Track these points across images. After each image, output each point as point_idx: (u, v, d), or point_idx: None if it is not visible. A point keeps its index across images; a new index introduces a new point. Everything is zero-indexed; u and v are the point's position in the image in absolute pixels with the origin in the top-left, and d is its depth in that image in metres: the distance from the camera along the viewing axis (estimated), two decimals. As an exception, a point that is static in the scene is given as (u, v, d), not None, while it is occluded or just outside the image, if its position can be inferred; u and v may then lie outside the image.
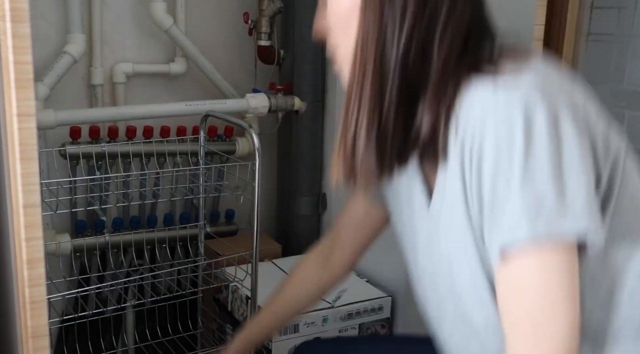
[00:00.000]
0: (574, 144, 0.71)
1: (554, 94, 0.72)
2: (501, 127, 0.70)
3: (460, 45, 0.78)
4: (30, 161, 0.74)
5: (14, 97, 0.72)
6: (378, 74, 0.78)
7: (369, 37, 0.79)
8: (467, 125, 0.73)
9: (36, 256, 0.77)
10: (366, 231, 1.14)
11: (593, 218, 0.71)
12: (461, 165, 0.75)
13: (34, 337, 0.79)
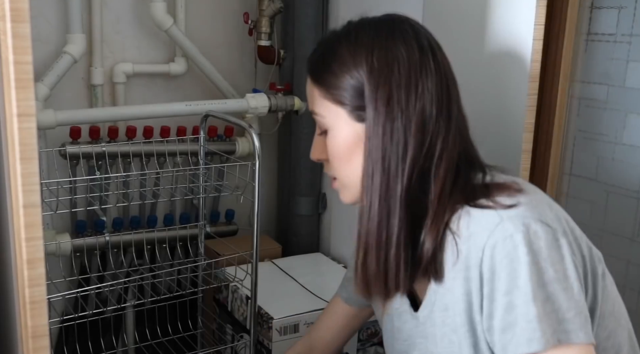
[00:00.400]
0: (570, 261, 0.80)
1: (549, 219, 0.81)
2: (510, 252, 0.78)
3: (453, 175, 0.87)
4: (30, 161, 0.74)
5: (14, 97, 0.72)
6: (384, 206, 0.86)
7: (375, 174, 0.87)
8: (473, 248, 0.82)
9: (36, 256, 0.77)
10: (349, 331, 1.25)
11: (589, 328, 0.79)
12: (466, 280, 0.83)
13: (34, 337, 0.79)
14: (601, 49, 1.71)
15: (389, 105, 0.85)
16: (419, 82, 0.86)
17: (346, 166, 0.92)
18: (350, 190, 0.95)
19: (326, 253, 2.19)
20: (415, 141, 0.86)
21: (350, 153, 0.91)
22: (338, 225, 2.16)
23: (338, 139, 0.91)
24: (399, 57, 0.87)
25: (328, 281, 1.92)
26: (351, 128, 0.90)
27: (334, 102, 0.90)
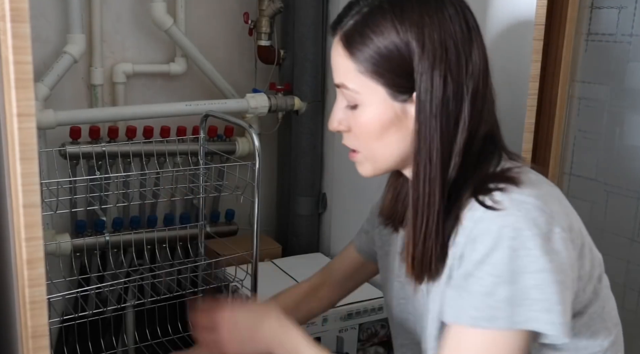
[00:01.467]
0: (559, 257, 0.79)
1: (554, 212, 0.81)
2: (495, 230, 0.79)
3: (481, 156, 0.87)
4: (30, 161, 0.74)
5: (14, 97, 0.72)
6: (441, 190, 0.85)
7: (432, 152, 0.85)
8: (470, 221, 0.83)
9: (36, 256, 0.77)
10: (355, 280, 1.24)
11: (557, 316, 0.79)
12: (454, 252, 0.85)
13: (34, 337, 0.79)
14: (601, 49, 1.70)
15: (444, 85, 0.83)
16: (469, 59, 0.84)
17: (377, 142, 0.89)
18: (375, 164, 0.93)
19: (326, 253, 2.19)
20: (469, 120, 0.84)
21: (385, 130, 0.87)
22: (338, 225, 2.16)
23: (372, 116, 0.87)
24: (451, 34, 0.83)
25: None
26: (389, 106, 0.86)
27: (373, 78, 0.85)
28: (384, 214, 1.05)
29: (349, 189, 2.08)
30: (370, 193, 2.00)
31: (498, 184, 0.83)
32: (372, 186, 1.98)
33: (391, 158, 0.90)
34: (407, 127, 0.87)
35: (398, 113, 0.86)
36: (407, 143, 0.88)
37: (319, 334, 1.73)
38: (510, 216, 0.79)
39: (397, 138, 0.88)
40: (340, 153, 2.12)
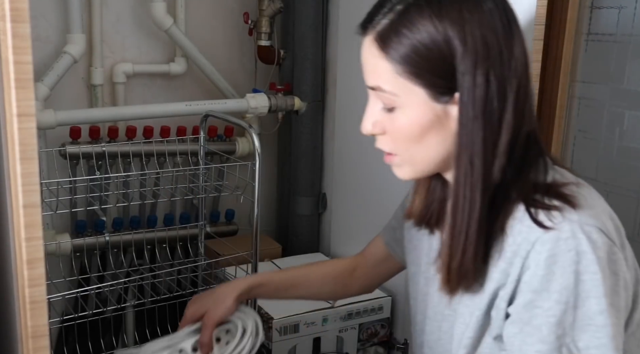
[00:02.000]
0: (622, 278, 0.78)
1: (609, 231, 0.79)
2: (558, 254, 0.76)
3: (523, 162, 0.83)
4: (30, 161, 0.74)
5: (14, 97, 0.72)
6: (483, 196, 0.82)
7: (474, 156, 0.81)
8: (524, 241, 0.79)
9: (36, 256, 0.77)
10: (384, 269, 1.22)
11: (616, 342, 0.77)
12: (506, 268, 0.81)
13: (34, 337, 0.79)
14: (601, 49, 1.70)
15: (487, 84, 0.79)
16: (511, 55, 0.80)
17: (416, 145, 0.84)
18: (415, 167, 0.88)
19: (326, 253, 2.19)
20: (512, 119, 0.80)
21: (425, 133, 0.83)
22: (338, 225, 2.16)
23: (411, 119, 0.82)
24: (492, 29, 0.79)
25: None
26: (429, 107, 0.82)
27: (412, 79, 0.80)
28: (415, 216, 1.00)
29: (349, 189, 2.08)
30: (370, 193, 2.01)
31: (553, 200, 0.79)
32: (372, 187, 1.98)
33: (432, 161, 0.86)
34: (448, 128, 0.83)
35: (439, 115, 0.82)
36: (448, 145, 0.84)
37: (319, 334, 1.73)
38: (573, 239, 0.76)
39: (437, 141, 0.84)
40: (340, 153, 2.12)
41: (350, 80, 2.05)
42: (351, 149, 2.06)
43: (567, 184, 0.83)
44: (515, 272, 0.80)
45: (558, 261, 0.76)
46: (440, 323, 0.96)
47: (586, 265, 0.76)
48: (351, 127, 2.06)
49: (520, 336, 0.79)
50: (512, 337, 0.80)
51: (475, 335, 0.86)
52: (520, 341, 0.79)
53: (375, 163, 1.95)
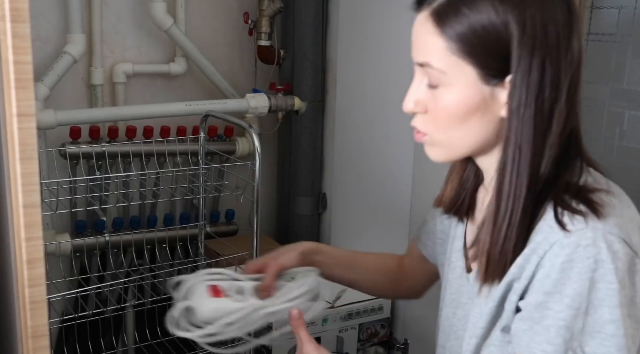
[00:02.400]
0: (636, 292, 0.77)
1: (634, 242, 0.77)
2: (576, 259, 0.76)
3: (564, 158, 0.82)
4: (30, 161, 0.74)
5: (14, 97, 0.72)
6: (529, 185, 0.80)
7: (523, 146, 0.80)
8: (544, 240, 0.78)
9: (36, 256, 0.77)
10: (423, 270, 1.18)
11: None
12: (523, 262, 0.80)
13: (34, 337, 0.79)
14: (601, 49, 1.70)
15: (542, 71, 0.78)
16: (569, 46, 0.79)
17: (457, 127, 0.83)
18: (450, 150, 0.86)
19: (326, 253, 2.19)
20: (564, 113, 0.79)
21: (468, 115, 0.81)
22: (338, 225, 2.16)
23: (457, 99, 0.81)
24: (553, 18, 0.78)
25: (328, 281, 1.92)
26: (477, 90, 0.80)
27: (464, 58, 0.79)
28: (445, 204, 0.98)
29: (349, 189, 2.08)
30: (370, 194, 2.01)
31: (580, 205, 0.78)
32: (372, 187, 1.98)
33: (469, 144, 0.85)
34: (492, 113, 0.81)
35: (486, 98, 0.80)
36: (489, 131, 0.83)
37: (319, 334, 1.73)
38: (593, 247, 0.75)
39: (480, 125, 0.82)
40: (340, 153, 2.12)
41: (350, 80, 2.05)
42: (351, 149, 2.06)
43: (597, 190, 0.81)
44: (530, 269, 0.79)
45: (574, 267, 0.75)
46: (455, 310, 0.96)
47: (603, 274, 0.75)
48: (351, 127, 2.06)
49: (529, 334, 0.79)
50: (521, 333, 0.80)
51: (487, 326, 0.86)
52: (528, 339, 0.79)
53: (375, 163, 1.96)
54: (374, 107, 1.94)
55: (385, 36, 1.87)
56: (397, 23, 1.81)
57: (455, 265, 0.97)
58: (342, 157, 2.11)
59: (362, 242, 2.03)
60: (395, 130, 1.84)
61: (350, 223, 2.09)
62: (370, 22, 1.92)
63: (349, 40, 2.03)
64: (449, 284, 0.99)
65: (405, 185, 1.79)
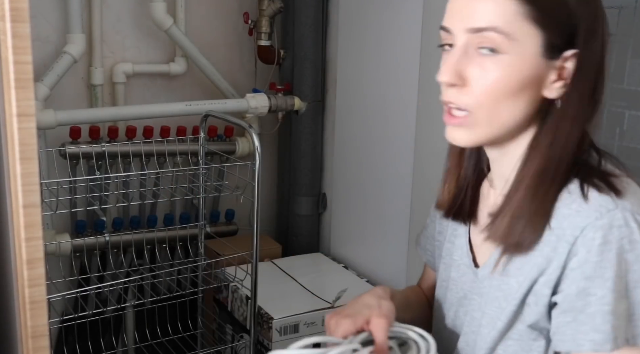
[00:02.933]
0: None
1: None
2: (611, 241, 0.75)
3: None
4: (30, 161, 0.74)
5: (14, 97, 0.72)
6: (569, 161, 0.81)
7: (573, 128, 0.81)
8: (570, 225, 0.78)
9: (36, 256, 0.77)
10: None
11: None
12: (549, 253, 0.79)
13: (34, 337, 0.79)
14: (601, 48, 1.70)
15: (601, 52, 0.79)
16: (606, 37, 0.82)
17: (505, 102, 0.79)
18: (486, 129, 0.81)
19: (326, 253, 2.19)
20: (601, 95, 0.81)
21: (520, 90, 0.78)
22: (338, 225, 2.16)
23: (516, 69, 0.77)
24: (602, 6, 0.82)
25: (328, 281, 1.92)
26: (535, 62, 0.78)
27: (534, 25, 0.77)
28: (444, 207, 0.96)
29: (349, 189, 2.08)
30: (370, 194, 2.01)
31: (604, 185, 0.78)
32: (372, 187, 1.98)
33: (510, 124, 0.81)
34: (538, 91, 0.80)
35: (540, 73, 0.78)
36: (530, 111, 0.80)
37: (319, 334, 1.73)
38: (626, 228, 0.75)
39: (526, 102, 0.79)
40: (340, 153, 2.12)
41: (350, 80, 2.05)
42: (351, 149, 2.06)
43: (617, 173, 0.82)
44: (561, 258, 0.78)
45: (612, 249, 0.74)
46: (459, 308, 0.95)
47: (638, 255, 0.75)
48: (351, 127, 2.06)
49: (574, 325, 0.77)
50: (564, 326, 0.78)
51: (509, 320, 0.85)
52: (573, 331, 0.77)
53: (376, 163, 1.96)
54: (374, 107, 1.94)
55: (385, 36, 1.87)
56: (397, 23, 1.81)
57: (458, 263, 0.96)
58: (342, 157, 2.11)
59: (362, 242, 2.03)
60: (396, 130, 1.84)
61: (350, 223, 2.09)
62: (370, 22, 1.92)
63: (349, 40, 2.03)
64: (452, 283, 0.98)
65: (405, 185, 1.79)
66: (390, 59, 1.86)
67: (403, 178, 1.80)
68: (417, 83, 1.70)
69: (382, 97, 1.90)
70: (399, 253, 1.82)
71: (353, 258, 2.07)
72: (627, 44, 1.65)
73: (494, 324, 0.87)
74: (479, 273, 0.91)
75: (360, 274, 1.96)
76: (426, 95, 1.68)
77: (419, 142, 1.72)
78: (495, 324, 0.87)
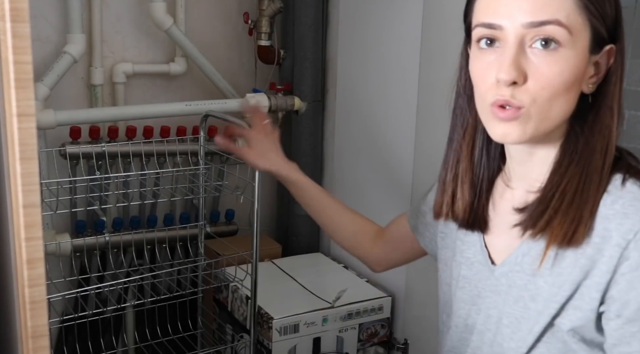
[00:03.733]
0: None
1: None
2: None
3: None
4: (30, 161, 0.74)
5: (14, 97, 0.72)
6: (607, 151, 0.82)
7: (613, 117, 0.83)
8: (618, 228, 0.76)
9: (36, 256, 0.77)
10: (400, 248, 1.18)
11: None
12: (594, 255, 0.78)
13: (34, 337, 0.79)
14: (601, 49, 1.71)
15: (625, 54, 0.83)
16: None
17: (561, 97, 0.78)
18: (538, 125, 0.79)
19: (326, 253, 2.19)
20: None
21: (573, 84, 0.78)
22: (338, 225, 2.16)
23: (572, 64, 0.77)
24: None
25: (328, 281, 1.92)
26: (585, 56, 0.78)
27: (590, 20, 0.78)
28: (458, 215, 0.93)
29: (349, 189, 2.08)
30: (370, 193, 2.01)
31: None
32: (372, 187, 1.98)
33: (557, 120, 0.80)
34: (580, 85, 0.80)
35: (586, 67, 0.80)
36: (573, 105, 0.81)
37: (319, 334, 1.73)
38: None
39: (574, 97, 0.80)
40: (340, 153, 2.12)
41: (350, 80, 2.05)
42: (351, 149, 2.06)
43: None
44: (611, 262, 0.76)
45: None
46: (472, 306, 0.94)
47: None
48: (351, 127, 2.06)
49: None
50: (630, 337, 0.76)
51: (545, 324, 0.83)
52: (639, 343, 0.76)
53: (376, 163, 1.96)
54: (374, 107, 1.94)
55: (385, 36, 1.87)
56: (397, 23, 1.81)
57: (472, 260, 0.94)
58: (342, 157, 2.11)
59: (362, 242, 2.02)
60: (396, 129, 1.84)
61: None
62: (370, 22, 1.92)
63: (349, 40, 2.03)
64: (464, 281, 0.95)
65: (405, 185, 1.79)
66: (390, 59, 1.86)
67: (403, 178, 1.80)
68: (417, 83, 1.70)
69: (382, 97, 1.90)
70: (399, 253, 1.82)
71: (353, 258, 2.06)
72: (627, 44, 1.66)
73: (518, 324, 0.85)
74: (495, 270, 0.89)
75: (360, 274, 1.96)
76: (426, 95, 1.69)
77: (418, 142, 1.72)
78: (519, 325, 0.85)
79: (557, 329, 0.82)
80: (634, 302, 0.75)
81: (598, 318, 0.79)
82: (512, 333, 0.86)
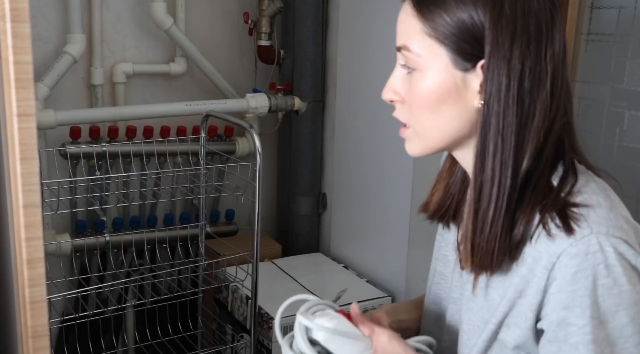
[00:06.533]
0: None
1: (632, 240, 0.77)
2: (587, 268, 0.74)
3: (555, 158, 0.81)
4: (30, 161, 0.74)
5: (14, 97, 0.72)
6: (514, 172, 0.79)
7: (505, 139, 0.78)
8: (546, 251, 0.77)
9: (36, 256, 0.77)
10: None
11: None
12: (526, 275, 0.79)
13: (34, 337, 0.79)
14: (601, 49, 1.71)
15: (522, 58, 0.77)
16: (549, 41, 0.78)
17: (430, 116, 0.82)
18: (425, 142, 0.84)
19: (326, 253, 2.19)
20: (542, 107, 0.78)
21: (441, 102, 0.80)
22: (338, 225, 2.16)
23: (430, 84, 0.80)
24: (533, 10, 0.77)
25: (328, 281, 1.92)
26: (449, 75, 0.79)
27: (438, 41, 0.79)
28: (430, 211, 0.96)
29: (349, 189, 2.08)
30: (370, 194, 2.01)
31: (577, 209, 0.77)
32: (372, 187, 1.98)
33: (443, 135, 0.83)
34: (465, 102, 0.80)
35: (458, 84, 0.79)
36: (463, 121, 0.81)
37: (319, 334, 1.73)
38: (601, 253, 0.74)
39: (452, 114, 0.81)
40: (340, 153, 2.12)
41: (350, 80, 2.05)
42: (351, 149, 2.06)
43: (590, 191, 0.81)
44: (541, 282, 0.77)
45: (588, 276, 0.74)
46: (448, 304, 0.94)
47: (615, 279, 0.74)
48: (351, 127, 2.06)
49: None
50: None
51: (489, 338, 0.84)
52: None
53: (375, 163, 1.96)
54: (374, 107, 1.94)
55: (385, 36, 1.87)
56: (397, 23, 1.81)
57: (448, 258, 0.96)
58: (342, 157, 2.11)
59: (362, 242, 2.03)
60: (395, 130, 1.84)
61: (350, 223, 2.09)
62: (370, 22, 1.92)
63: (349, 40, 2.03)
64: (440, 277, 0.97)
65: (405, 184, 1.79)
66: (390, 59, 1.85)
67: (403, 178, 1.80)
68: (417, 83, 1.70)
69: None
70: (399, 253, 1.82)
71: (353, 258, 2.07)
72: (627, 43, 1.66)
73: (472, 333, 0.86)
74: (463, 274, 0.90)
75: (360, 274, 1.96)
76: (426, 95, 1.68)
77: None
78: (473, 333, 0.86)
79: (502, 345, 0.83)
80: (554, 324, 0.76)
81: (537, 337, 0.80)
82: (467, 339, 0.87)
